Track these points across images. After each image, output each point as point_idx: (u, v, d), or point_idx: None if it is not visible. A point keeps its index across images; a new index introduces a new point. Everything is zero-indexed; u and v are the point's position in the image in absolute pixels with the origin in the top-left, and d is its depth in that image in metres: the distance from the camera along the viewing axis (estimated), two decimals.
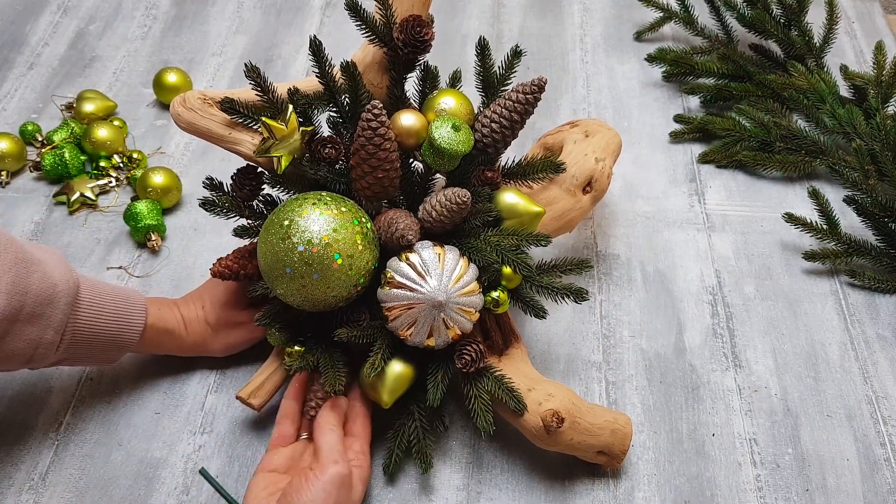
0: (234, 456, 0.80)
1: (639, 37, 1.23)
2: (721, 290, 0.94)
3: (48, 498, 0.77)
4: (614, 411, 0.78)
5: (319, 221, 0.71)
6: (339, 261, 0.70)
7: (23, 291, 0.68)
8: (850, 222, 0.97)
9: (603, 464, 0.78)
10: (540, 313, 0.78)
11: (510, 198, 0.78)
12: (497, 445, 0.81)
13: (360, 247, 0.71)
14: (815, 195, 0.95)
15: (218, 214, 0.80)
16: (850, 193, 0.97)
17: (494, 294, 0.76)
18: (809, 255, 0.95)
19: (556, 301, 0.78)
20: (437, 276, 0.71)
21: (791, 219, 0.95)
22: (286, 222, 0.71)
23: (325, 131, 0.80)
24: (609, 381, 0.86)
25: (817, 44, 1.12)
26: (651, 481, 0.79)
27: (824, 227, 0.95)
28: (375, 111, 0.71)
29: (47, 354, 0.72)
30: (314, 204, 0.72)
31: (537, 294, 0.78)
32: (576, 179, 0.87)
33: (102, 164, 1.03)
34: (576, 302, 0.77)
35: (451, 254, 0.73)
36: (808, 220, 0.95)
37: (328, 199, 0.72)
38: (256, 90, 0.75)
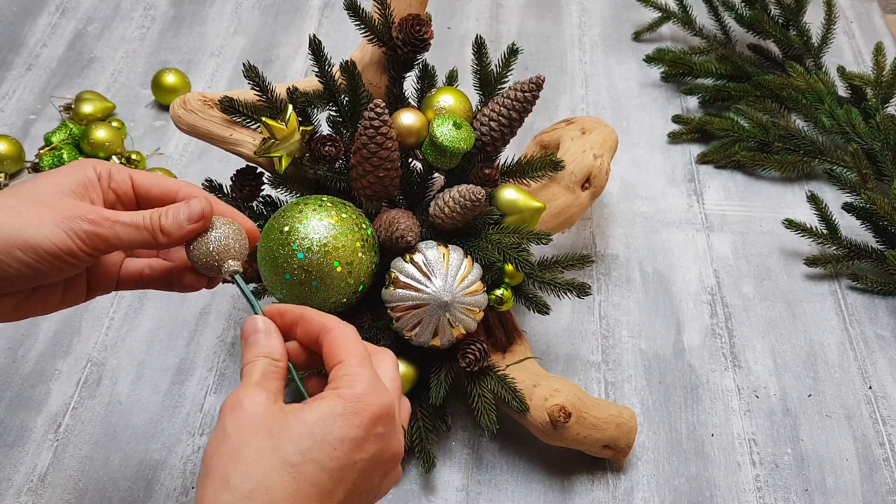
0: None
1: (637, 37, 1.23)
2: (720, 291, 0.94)
3: (47, 500, 0.77)
4: (619, 405, 0.78)
5: (319, 228, 0.70)
6: (339, 268, 0.70)
7: None
8: (849, 223, 0.97)
9: (609, 458, 0.79)
10: (543, 309, 0.78)
11: (510, 194, 0.78)
12: (497, 446, 0.81)
13: (360, 253, 0.71)
14: (813, 200, 0.95)
15: None
16: (849, 200, 0.97)
17: (498, 292, 0.76)
18: (811, 261, 0.95)
19: (558, 297, 0.78)
20: (441, 276, 0.71)
21: (791, 225, 0.95)
22: (286, 228, 0.71)
23: (325, 131, 0.80)
24: (608, 381, 0.86)
25: (815, 44, 1.12)
26: (650, 481, 0.79)
27: (824, 231, 0.95)
28: (378, 110, 0.71)
29: None
30: (314, 210, 0.71)
31: (539, 290, 0.78)
32: (574, 176, 0.87)
33: None
34: (579, 297, 0.78)
35: (455, 253, 0.73)
36: (808, 226, 0.95)
37: (329, 204, 0.72)
38: (255, 90, 0.76)
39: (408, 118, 0.76)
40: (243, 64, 0.76)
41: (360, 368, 0.49)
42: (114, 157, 1.03)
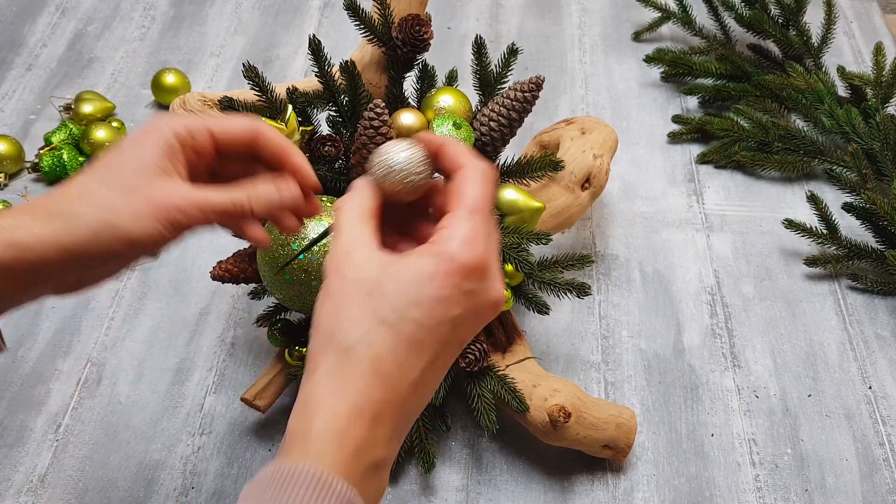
0: (234, 457, 0.80)
1: (637, 37, 1.23)
2: (720, 291, 0.94)
3: (47, 500, 0.77)
4: (619, 405, 0.78)
5: (318, 229, 0.70)
6: None
7: None
8: (849, 223, 0.97)
9: (608, 458, 0.79)
10: (543, 309, 0.78)
11: (510, 194, 0.78)
12: (497, 446, 0.81)
13: None
14: (813, 200, 0.95)
15: None
16: (849, 200, 0.97)
17: None
18: (811, 261, 0.95)
19: (558, 297, 0.78)
20: None
21: (791, 225, 0.95)
22: None
23: (325, 131, 0.80)
24: (608, 381, 0.86)
25: (815, 44, 1.12)
26: (650, 482, 0.79)
27: (824, 231, 0.95)
28: (378, 110, 0.71)
29: None
30: None
31: (539, 290, 0.78)
32: (574, 176, 0.87)
33: None
34: (578, 297, 0.78)
35: None
36: (808, 226, 0.95)
37: (328, 204, 0.72)
38: (255, 90, 0.75)
39: (408, 118, 0.76)
40: (243, 64, 0.76)
41: (463, 221, 0.48)
42: None
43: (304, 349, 0.77)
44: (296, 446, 0.44)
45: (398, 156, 0.51)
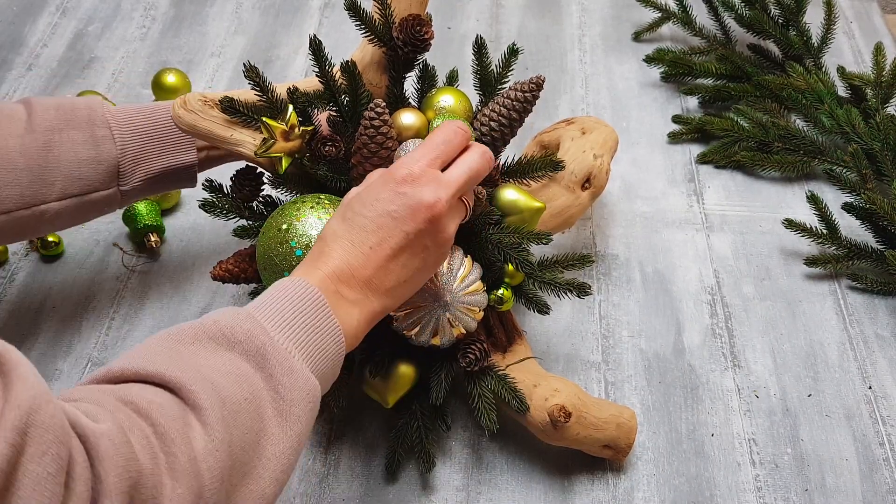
0: None
1: (637, 37, 1.23)
2: (720, 291, 0.94)
3: None
4: (619, 405, 0.78)
5: (317, 226, 0.71)
6: None
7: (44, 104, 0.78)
8: (849, 223, 0.98)
9: (609, 458, 0.79)
10: (543, 309, 0.78)
11: (510, 194, 0.78)
12: (497, 445, 0.81)
13: None
14: (813, 200, 0.95)
15: (218, 216, 0.80)
16: (849, 200, 0.98)
17: (498, 292, 0.76)
18: (811, 261, 0.95)
19: (558, 297, 0.78)
20: (442, 275, 0.72)
21: (791, 224, 0.95)
22: (284, 226, 0.71)
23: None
24: (608, 381, 0.86)
25: (815, 44, 1.12)
26: (650, 481, 0.79)
27: (824, 231, 0.95)
28: (378, 110, 0.71)
29: (111, 151, 0.78)
30: (312, 207, 0.72)
31: (540, 290, 0.78)
32: (574, 176, 0.87)
33: None
34: (579, 297, 0.78)
35: (455, 253, 0.73)
36: (808, 226, 0.95)
37: (326, 202, 0.72)
38: (256, 90, 0.75)
39: (408, 118, 0.76)
40: (244, 64, 0.76)
41: (409, 157, 0.66)
42: None
43: None
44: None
45: (410, 147, 0.72)
